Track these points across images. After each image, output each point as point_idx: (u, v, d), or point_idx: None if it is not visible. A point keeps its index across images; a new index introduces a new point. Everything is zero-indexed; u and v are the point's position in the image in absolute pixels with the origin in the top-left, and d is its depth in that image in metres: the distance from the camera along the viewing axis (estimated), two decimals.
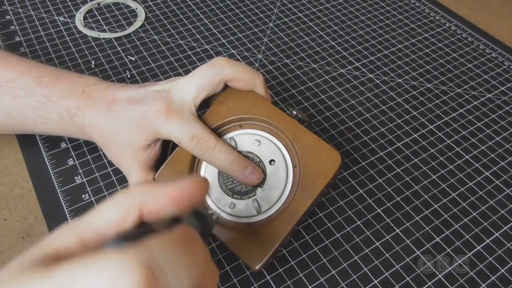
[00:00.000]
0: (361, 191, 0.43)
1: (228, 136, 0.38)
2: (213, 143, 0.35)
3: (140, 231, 0.19)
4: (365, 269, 0.37)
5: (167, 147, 0.40)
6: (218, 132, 0.38)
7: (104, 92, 0.38)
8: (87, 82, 0.39)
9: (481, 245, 0.39)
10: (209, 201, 0.37)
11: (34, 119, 0.39)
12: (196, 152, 0.36)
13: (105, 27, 0.59)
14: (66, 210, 0.40)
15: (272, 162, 0.37)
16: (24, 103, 0.39)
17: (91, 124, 0.38)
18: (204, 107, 0.39)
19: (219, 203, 0.36)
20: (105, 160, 0.44)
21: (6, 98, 0.39)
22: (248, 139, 0.38)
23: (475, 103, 0.52)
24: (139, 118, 0.36)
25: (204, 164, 0.38)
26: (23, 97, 0.39)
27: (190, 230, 0.20)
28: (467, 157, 0.46)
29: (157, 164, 0.39)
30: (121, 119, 0.37)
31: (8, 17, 0.59)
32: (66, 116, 0.38)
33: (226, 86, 0.38)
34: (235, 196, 0.36)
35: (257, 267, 0.34)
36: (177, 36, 0.58)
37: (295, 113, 0.39)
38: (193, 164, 0.38)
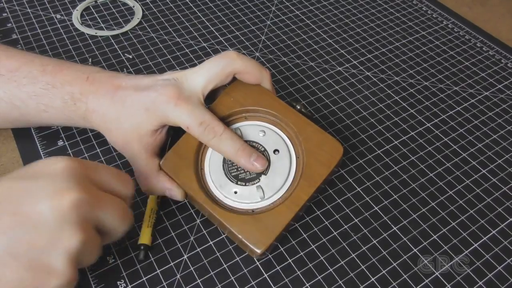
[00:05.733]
0: (358, 189, 0.43)
1: (233, 126, 0.39)
2: (221, 130, 0.36)
3: None
4: (363, 267, 0.37)
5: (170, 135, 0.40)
6: (224, 123, 0.39)
7: (108, 79, 0.39)
8: (91, 70, 0.40)
9: (478, 243, 0.39)
10: (213, 188, 0.38)
11: (37, 107, 0.39)
12: (204, 138, 0.37)
13: (102, 25, 0.59)
14: None
15: (276, 152, 0.38)
16: (28, 91, 0.39)
17: (94, 109, 0.38)
18: (209, 101, 0.39)
19: (223, 189, 0.37)
20: (102, 158, 0.43)
21: (9, 87, 0.39)
22: (253, 129, 0.39)
23: (472, 101, 0.52)
24: (148, 103, 0.36)
25: (209, 151, 0.39)
26: (26, 85, 0.39)
27: None
28: (464, 155, 0.46)
29: (160, 151, 0.39)
30: (128, 104, 0.37)
31: (5, 14, 0.59)
32: (69, 102, 0.38)
33: (233, 79, 0.39)
34: (239, 182, 0.37)
35: (260, 251, 0.34)
36: (174, 34, 0.58)
37: (298, 107, 0.40)
38: (199, 150, 0.38)
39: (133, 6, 0.62)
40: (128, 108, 0.37)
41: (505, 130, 0.49)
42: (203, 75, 0.37)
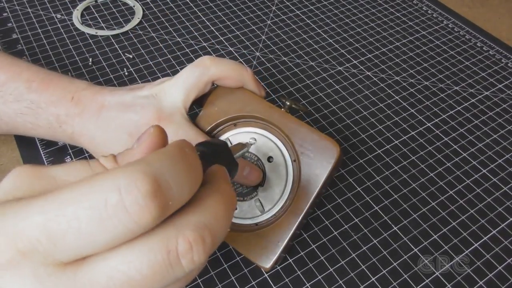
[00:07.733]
0: (358, 189, 0.43)
1: (223, 137, 0.37)
2: None
3: None
4: (363, 267, 0.37)
5: None
6: (213, 134, 0.37)
7: (92, 98, 0.38)
8: (76, 87, 0.39)
9: (478, 243, 0.39)
10: None
11: (24, 124, 0.39)
12: None
13: (103, 25, 0.59)
14: None
15: (271, 159, 0.36)
16: (14, 109, 0.38)
17: (81, 133, 0.38)
18: (197, 105, 0.39)
19: None
20: None
21: None
22: (243, 138, 0.37)
23: (473, 100, 0.52)
24: (131, 128, 0.35)
25: None
26: (12, 102, 0.38)
27: (184, 141, 0.20)
28: (464, 154, 0.46)
29: None
30: (112, 128, 0.36)
31: (5, 14, 0.59)
32: (55, 124, 0.38)
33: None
34: (237, 198, 0.36)
35: (268, 266, 0.34)
36: (174, 34, 0.58)
37: (288, 104, 0.37)
38: None
39: (134, 6, 0.62)
40: (113, 133, 0.36)
41: (505, 129, 0.49)
42: (181, 88, 0.36)
